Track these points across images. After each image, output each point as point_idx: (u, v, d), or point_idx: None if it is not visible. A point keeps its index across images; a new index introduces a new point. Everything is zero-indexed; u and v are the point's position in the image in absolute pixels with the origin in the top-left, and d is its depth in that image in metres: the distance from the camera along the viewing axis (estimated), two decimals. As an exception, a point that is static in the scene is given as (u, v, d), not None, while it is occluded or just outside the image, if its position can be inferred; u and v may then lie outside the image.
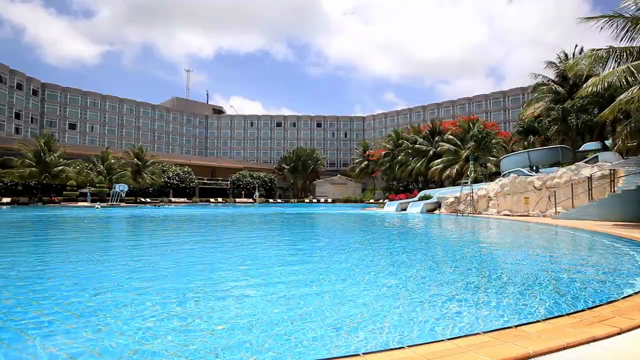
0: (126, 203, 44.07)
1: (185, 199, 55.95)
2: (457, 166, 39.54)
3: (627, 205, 14.63)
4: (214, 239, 12.30)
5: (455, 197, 25.30)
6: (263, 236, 13.39)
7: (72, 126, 73.13)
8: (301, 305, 4.15)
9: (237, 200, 61.50)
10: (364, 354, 2.30)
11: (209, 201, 57.60)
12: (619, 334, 2.62)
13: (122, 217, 23.12)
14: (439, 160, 42.78)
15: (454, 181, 37.74)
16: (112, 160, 48.04)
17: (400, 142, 53.97)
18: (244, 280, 5.56)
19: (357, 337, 3.17)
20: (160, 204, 47.85)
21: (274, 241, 11.85)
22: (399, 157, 51.96)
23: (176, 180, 56.91)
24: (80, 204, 39.65)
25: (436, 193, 29.51)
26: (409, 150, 50.35)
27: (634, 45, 12.46)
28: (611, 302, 3.51)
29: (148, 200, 50.61)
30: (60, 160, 43.01)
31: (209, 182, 66.44)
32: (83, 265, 6.85)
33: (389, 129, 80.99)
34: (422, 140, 49.89)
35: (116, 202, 42.13)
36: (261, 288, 5.02)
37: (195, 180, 61.16)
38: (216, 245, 10.71)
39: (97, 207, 34.82)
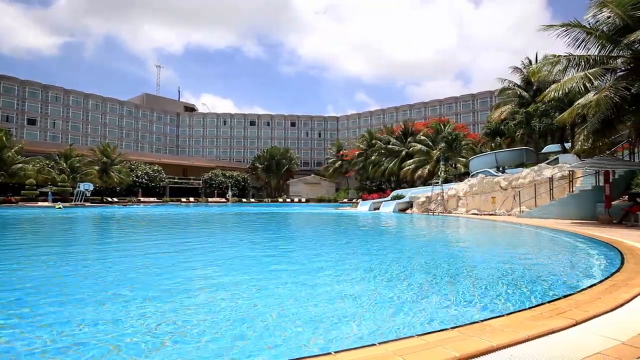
0: (91, 203, 42.15)
1: (155, 199, 54.23)
2: (428, 166, 40.53)
3: (584, 204, 15.52)
4: (171, 240, 11.99)
5: (426, 197, 25.93)
6: (234, 237, 13.19)
7: (32, 122, 69.08)
8: (271, 305, 4.12)
9: (210, 199, 60.29)
10: (335, 352, 2.31)
11: (180, 201, 56.12)
12: (574, 325, 2.77)
13: (82, 217, 22.04)
14: (411, 160, 43.68)
15: (426, 181, 38.66)
16: (76, 158, 45.75)
17: (373, 142, 54.70)
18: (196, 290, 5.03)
19: (329, 335, 3.18)
20: (128, 203, 46.13)
21: (246, 242, 11.70)
22: (372, 157, 52.66)
23: (145, 179, 55.06)
24: (40, 204, 37.55)
25: (408, 193, 30.13)
26: (382, 151, 51.14)
27: (589, 53, 13.21)
28: (569, 295, 3.71)
29: (115, 199, 48.65)
30: (18, 157, 40.53)
31: (180, 181, 64.73)
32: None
33: (362, 129, 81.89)
34: (394, 140, 50.80)
35: (80, 201, 40.21)
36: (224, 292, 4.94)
37: (166, 180, 59.42)
38: (174, 246, 10.43)
39: (58, 207, 33.11)
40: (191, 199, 59.00)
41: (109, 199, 47.91)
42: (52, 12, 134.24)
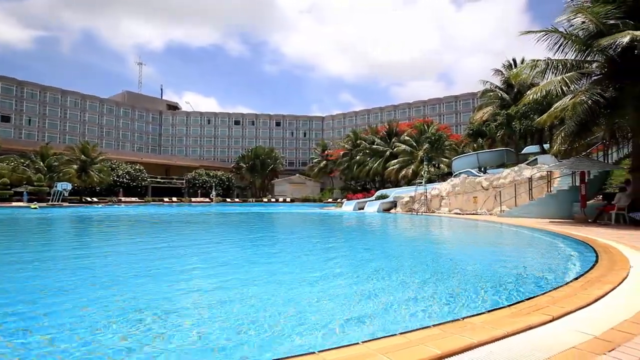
0: (69, 203, 40.97)
1: (137, 199, 53.09)
2: (412, 166, 41.02)
3: (561, 203, 16.00)
4: (147, 241, 11.78)
5: (410, 197, 26.23)
6: (215, 238, 13.05)
7: (6, 118, 66.60)
8: (254, 306, 4.10)
9: (193, 199, 59.42)
10: (319, 351, 2.31)
11: (162, 201, 55.10)
12: (551, 321, 2.86)
13: (55, 218, 21.34)
14: (396, 160, 44.13)
15: (410, 181, 39.13)
16: (54, 157, 44.33)
17: (358, 142, 55.03)
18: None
19: (312, 335, 3.19)
20: (109, 203, 45.03)
21: (227, 244, 11.59)
22: (357, 157, 52.96)
23: (127, 179, 53.85)
24: (15, 204, 36.26)
25: (392, 193, 30.42)
26: (367, 151, 51.49)
27: (567, 58, 13.64)
28: (547, 292, 3.81)
29: (95, 199, 47.40)
30: (-9, 155, 39.07)
31: (162, 181, 63.55)
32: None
33: (347, 129, 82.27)
34: (379, 141, 51.22)
35: (58, 201, 39.01)
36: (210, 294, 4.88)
37: (148, 179, 58.25)
38: (150, 248, 10.26)
39: (34, 207, 32.02)
40: (174, 198, 58.02)
41: (88, 199, 46.65)
42: (25, 3, 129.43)
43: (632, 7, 12.29)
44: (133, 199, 52.37)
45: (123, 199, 50.85)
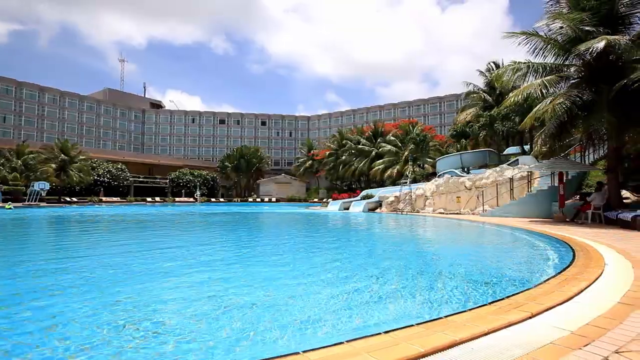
0: (47, 203, 39.74)
1: (118, 198, 51.90)
2: (397, 166, 41.43)
3: (541, 203, 16.44)
4: (122, 244, 11.58)
5: (395, 197, 26.49)
6: (189, 239, 12.89)
7: (-20, 115, 64.29)
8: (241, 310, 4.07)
9: (177, 199, 58.48)
10: (304, 351, 2.31)
11: (145, 200, 54.04)
12: (530, 317, 2.94)
13: (32, 218, 20.62)
14: (381, 160, 44.47)
15: (395, 181, 39.51)
16: (30, 155, 42.89)
17: (344, 142, 55.22)
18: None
19: (298, 335, 3.19)
20: (89, 203, 43.90)
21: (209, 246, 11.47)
22: (343, 157, 53.15)
23: (108, 178, 52.58)
24: (-11, 204, 34.95)
25: (377, 192, 30.66)
26: (353, 151, 51.72)
27: (547, 61, 14.04)
28: (526, 289, 3.92)
29: (74, 199, 46.11)
30: (-36, 153, 37.54)
31: (145, 180, 62.28)
32: None
33: (333, 129, 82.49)
34: (365, 141, 51.52)
35: (35, 201, 37.79)
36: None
37: (130, 178, 57.04)
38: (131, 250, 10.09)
39: (9, 207, 30.93)
40: (157, 198, 56.96)
41: (67, 199, 45.35)
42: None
43: (606, 15, 12.75)
44: (115, 198, 51.17)
45: (104, 198, 49.61)
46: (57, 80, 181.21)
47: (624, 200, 14.38)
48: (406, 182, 27.16)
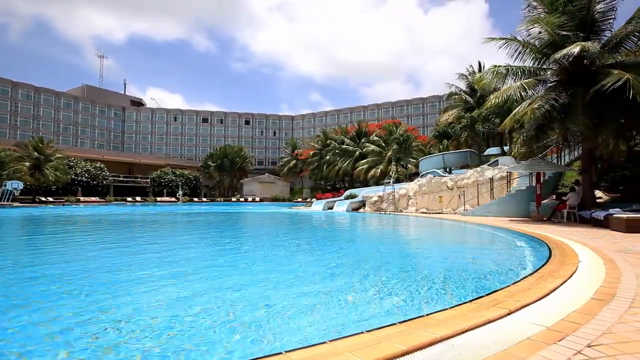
0: (21, 202, 38.31)
1: (97, 198, 50.48)
2: (381, 166, 41.78)
3: (520, 203, 16.89)
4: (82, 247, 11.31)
5: (378, 196, 26.72)
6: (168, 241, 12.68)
7: (-52, 111, 61.43)
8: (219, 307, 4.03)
9: (159, 199, 57.32)
10: (286, 352, 2.31)
11: (125, 200, 52.76)
12: (509, 314, 3.02)
13: (3, 219, 19.80)
14: (365, 160, 44.76)
15: (378, 181, 39.84)
16: (2, 154, 41.20)
17: (328, 142, 55.31)
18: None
19: (280, 335, 3.18)
20: (66, 203, 42.55)
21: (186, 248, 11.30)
22: (327, 157, 53.24)
23: (86, 177, 51.07)
24: (-42, 204, 33.46)
25: (361, 192, 30.85)
26: (337, 151, 51.88)
27: (525, 65, 14.44)
28: (505, 287, 4.02)
29: (50, 199, 44.60)
30: None
31: (125, 179, 60.81)
32: None
33: (317, 129, 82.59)
34: (349, 141, 51.75)
35: (7, 201, 36.36)
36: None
37: (110, 178, 55.58)
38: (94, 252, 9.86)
39: (-18, 208, 29.70)
40: (138, 198, 55.70)
41: (42, 199, 43.83)
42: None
43: (582, 20, 13.20)
44: (93, 198, 49.73)
45: (82, 198, 48.14)
46: (31, 76, 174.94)
47: (597, 200, 14.94)
48: (389, 182, 27.43)
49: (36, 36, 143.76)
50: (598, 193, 16.40)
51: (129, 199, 54.13)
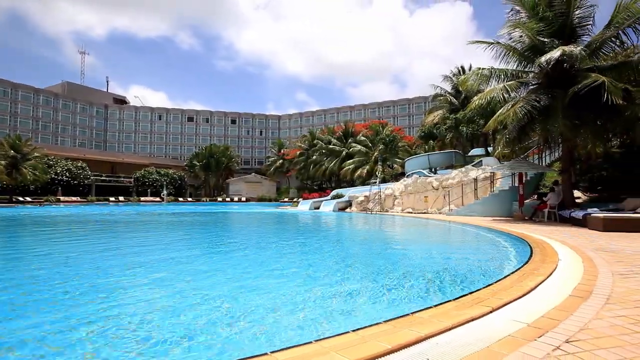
0: (-3, 203, 37.06)
1: (78, 198, 49.23)
2: (367, 167, 42.02)
3: (503, 202, 17.23)
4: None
5: (365, 196, 26.87)
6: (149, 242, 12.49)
7: None
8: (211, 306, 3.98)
9: (142, 199, 56.28)
10: (271, 352, 2.29)
11: (108, 200, 51.62)
12: (491, 312, 3.07)
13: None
14: (351, 160, 44.94)
15: (364, 181, 40.04)
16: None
17: (315, 142, 55.32)
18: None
19: (265, 336, 3.17)
20: (45, 203, 41.35)
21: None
22: (314, 157, 53.24)
23: (67, 177, 49.75)
24: None
25: (348, 192, 30.96)
26: (323, 151, 51.95)
27: (508, 67, 14.75)
28: (488, 285, 4.09)
29: (28, 199, 43.26)
30: None
31: (108, 179, 59.52)
32: None
33: (304, 128, 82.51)
34: (335, 141, 51.87)
35: (-17, 201, 35.13)
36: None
37: (92, 177, 54.29)
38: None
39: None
40: (121, 198, 54.56)
41: (20, 199, 42.49)
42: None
43: (561, 26, 13.58)
44: (74, 198, 48.48)
45: (62, 198, 46.87)
46: (7, 72, 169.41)
47: (576, 200, 15.38)
48: (376, 182, 27.60)
49: (11, 30, 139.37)
50: (577, 193, 16.88)
51: (112, 198, 53.00)
